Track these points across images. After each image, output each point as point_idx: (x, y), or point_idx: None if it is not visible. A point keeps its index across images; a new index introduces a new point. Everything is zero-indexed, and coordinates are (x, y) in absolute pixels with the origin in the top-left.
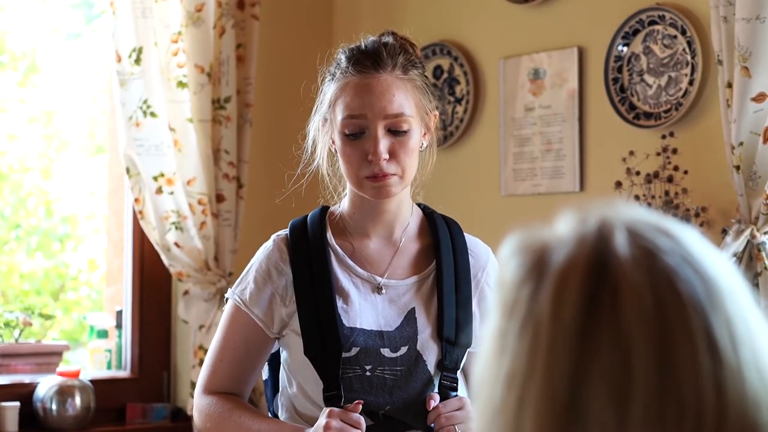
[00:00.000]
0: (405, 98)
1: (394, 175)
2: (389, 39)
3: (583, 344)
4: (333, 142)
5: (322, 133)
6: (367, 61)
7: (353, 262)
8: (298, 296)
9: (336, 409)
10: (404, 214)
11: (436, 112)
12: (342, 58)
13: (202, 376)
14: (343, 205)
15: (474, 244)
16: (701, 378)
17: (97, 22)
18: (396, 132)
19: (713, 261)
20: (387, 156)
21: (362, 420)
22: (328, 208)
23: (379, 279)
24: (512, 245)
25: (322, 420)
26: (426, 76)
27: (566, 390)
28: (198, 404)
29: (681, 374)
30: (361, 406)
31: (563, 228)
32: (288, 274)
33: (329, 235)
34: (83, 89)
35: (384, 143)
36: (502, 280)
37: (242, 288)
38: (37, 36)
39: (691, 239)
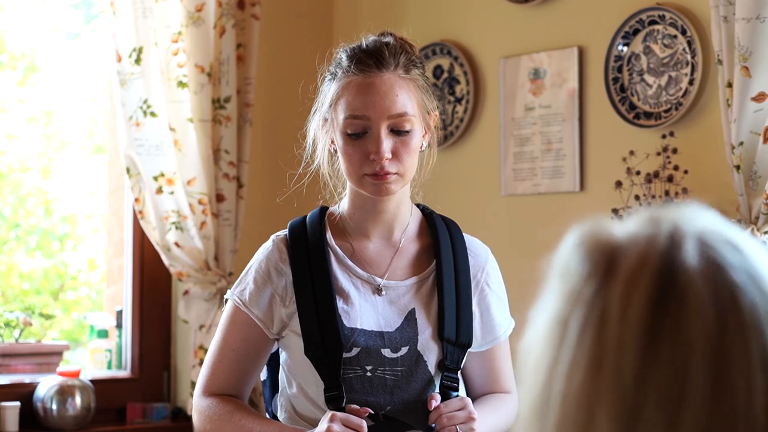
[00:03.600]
0: (408, 97)
1: (395, 173)
2: (389, 39)
3: (647, 345)
4: (333, 142)
5: (322, 133)
6: (370, 60)
7: (353, 263)
8: (298, 297)
9: (338, 413)
10: (403, 215)
11: (437, 112)
12: (343, 57)
13: (201, 378)
14: (342, 206)
15: (473, 244)
16: (754, 396)
17: (97, 22)
18: (398, 132)
19: None
20: (390, 156)
21: (364, 424)
22: (327, 208)
23: (378, 280)
24: (580, 236)
25: (323, 425)
26: (426, 76)
27: (632, 388)
28: (197, 406)
29: (735, 391)
30: (366, 413)
31: (633, 226)
32: (288, 274)
33: (329, 235)
34: (83, 89)
35: (387, 143)
36: (567, 269)
37: (242, 288)
38: (36, 36)
39: (760, 256)
